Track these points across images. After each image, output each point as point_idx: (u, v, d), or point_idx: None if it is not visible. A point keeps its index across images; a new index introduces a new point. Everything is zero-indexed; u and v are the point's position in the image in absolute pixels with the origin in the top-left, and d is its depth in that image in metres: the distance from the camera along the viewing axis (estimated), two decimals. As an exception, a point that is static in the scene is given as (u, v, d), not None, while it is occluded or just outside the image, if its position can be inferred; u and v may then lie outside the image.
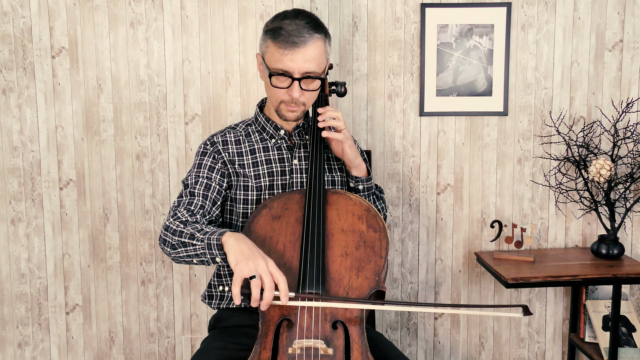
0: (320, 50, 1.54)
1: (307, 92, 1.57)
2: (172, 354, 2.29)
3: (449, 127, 2.24)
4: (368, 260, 1.48)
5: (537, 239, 2.31)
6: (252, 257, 1.31)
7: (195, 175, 1.62)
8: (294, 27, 1.51)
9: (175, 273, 2.25)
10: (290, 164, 1.68)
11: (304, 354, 1.37)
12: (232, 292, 1.27)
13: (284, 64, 1.52)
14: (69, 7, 2.11)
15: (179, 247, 1.45)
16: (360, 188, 1.69)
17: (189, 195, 1.58)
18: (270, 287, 1.28)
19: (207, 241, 1.39)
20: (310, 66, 1.53)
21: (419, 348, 2.35)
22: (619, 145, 2.21)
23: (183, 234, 1.43)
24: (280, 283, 1.30)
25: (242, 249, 1.33)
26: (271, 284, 1.29)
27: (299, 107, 1.59)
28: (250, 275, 1.28)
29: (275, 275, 1.30)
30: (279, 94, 1.57)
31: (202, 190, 1.59)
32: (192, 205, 1.55)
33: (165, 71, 2.16)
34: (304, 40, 1.51)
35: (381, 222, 1.53)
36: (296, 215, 1.54)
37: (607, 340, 2.11)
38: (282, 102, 1.58)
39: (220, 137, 1.69)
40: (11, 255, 2.20)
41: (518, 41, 2.21)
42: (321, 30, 1.55)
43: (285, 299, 1.30)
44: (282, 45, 1.51)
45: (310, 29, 1.52)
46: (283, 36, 1.50)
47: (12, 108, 2.14)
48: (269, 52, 1.55)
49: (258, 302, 1.29)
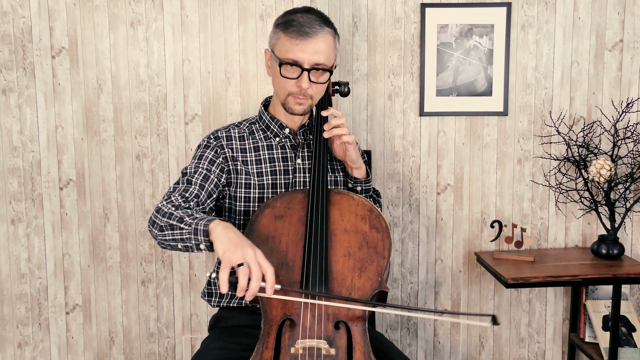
0: (329, 43, 1.57)
1: (315, 85, 1.59)
2: (172, 354, 2.29)
3: (449, 127, 2.24)
4: (371, 260, 1.48)
5: (537, 239, 2.31)
6: (241, 245, 1.30)
7: (195, 165, 1.62)
8: (305, 19, 1.55)
9: (175, 273, 2.25)
10: (294, 163, 1.68)
11: (307, 354, 1.37)
12: (220, 279, 1.25)
13: (295, 54, 1.54)
14: (69, 7, 2.11)
15: (166, 229, 1.43)
16: (358, 189, 1.69)
17: (185, 183, 1.58)
18: (257, 277, 1.27)
19: (195, 226, 1.37)
20: (320, 58, 1.55)
21: (419, 348, 2.35)
22: (619, 145, 2.21)
23: (172, 216, 1.43)
24: (268, 274, 1.29)
25: (231, 237, 1.32)
26: (259, 273, 1.27)
27: (306, 99, 1.60)
28: (238, 263, 1.27)
29: (264, 266, 1.29)
30: (288, 85, 1.58)
31: (200, 180, 1.59)
32: (187, 193, 1.55)
33: (165, 71, 2.16)
34: (315, 31, 1.54)
35: (384, 222, 1.53)
36: (299, 215, 1.54)
37: (607, 340, 2.11)
38: (290, 94, 1.59)
39: (225, 132, 1.69)
40: (11, 255, 2.20)
41: (518, 41, 2.21)
42: (331, 26, 1.60)
43: (271, 290, 1.29)
44: (293, 35, 1.54)
45: (321, 22, 1.56)
46: (295, 27, 1.54)
47: (12, 108, 2.14)
48: (279, 43, 1.57)
49: (244, 291, 1.27)
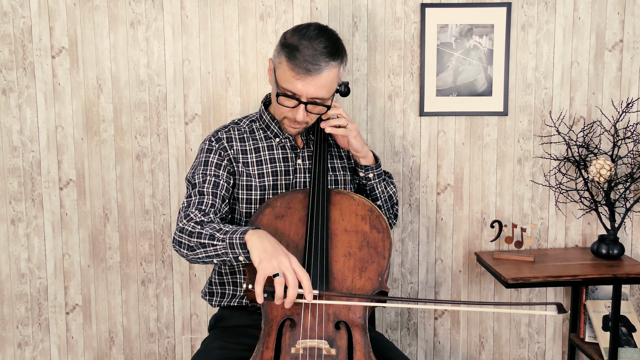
0: (333, 77, 1.52)
1: (311, 115, 1.57)
2: (172, 354, 2.29)
3: (449, 127, 2.24)
4: (371, 260, 1.48)
5: (537, 239, 2.31)
6: (276, 254, 1.30)
7: (202, 173, 1.59)
8: (310, 52, 1.47)
9: (175, 273, 2.25)
10: (295, 163, 1.68)
11: (307, 354, 1.37)
12: (256, 291, 1.27)
13: (294, 86, 1.50)
14: (69, 7, 2.11)
15: (198, 248, 1.42)
16: (370, 176, 1.68)
17: (197, 195, 1.54)
18: (294, 285, 1.29)
19: (230, 241, 1.37)
20: (320, 92, 1.51)
21: (419, 348, 2.35)
22: (619, 145, 2.21)
23: (202, 235, 1.41)
24: (304, 280, 1.30)
25: (265, 247, 1.32)
26: (295, 281, 1.29)
27: (301, 125, 1.60)
28: (273, 274, 1.28)
29: (299, 273, 1.30)
30: (284, 110, 1.57)
31: (211, 188, 1.56)
32: (202, 205, 1.52)
33: (165, 71, 2.16)
34: (319, 69, 1.48)
35: (384, 222, 1.53)
36: (299, 214, 1.54)
37: (607, 340, 2.11)
38: (286, 118, 1.59)
39: (225, 133, 1.68)
40: (11, 255, 2.20)
41: (518, 41, 2.21)
42: (338, 55, 1.52)
43: (310, 295, 1.30)
44: (295, 69, 1.48)
45: (326, 56, 1.49)
46: (298, 60, 1.47)
47: (12, 108, 2.14)
48: (281, 69, 1.52)
49: (282, 300, 1.29)
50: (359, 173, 1.70)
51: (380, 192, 1.72)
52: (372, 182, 1.69)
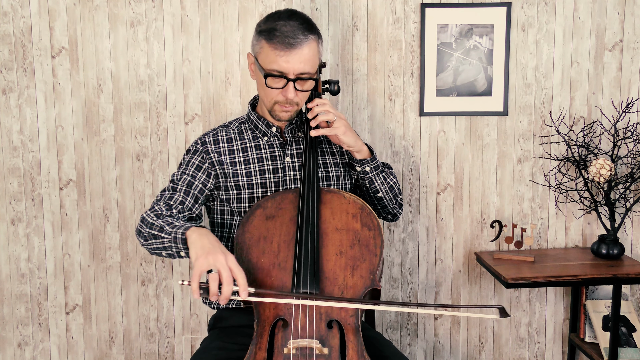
0: (314, 50, 1.56)
1: (301, 92, 1.59)
2: (172, 354, 2.29)
3: (449, 127, 2.24)
4: (363, 258, 1.49)
5: (537, 239, 2.31)
6: (212, 251, 1.34)
7: (182, 172, 1.66)
8: (288, 29, 1.52)
9: (175, 273, 2.25)
10: (283, 161, 1.68)
11: (299, 354, 1.37)
12: (191, 287, 1.30)
13: (279, 65, 1.53)
14: (69, 7, 2.11)
15: (150, 238, 1.50)
16: (367, 169, 1.68)
17: (171, 190, 1.63)
18: (228, 282, 1.31)
19: (174, 235, 1.43)
20: (305, 67, 1.54)
21: (419, 348, 2.35)
22: (619, 145, 2.21)
23: (154, 226, 1.48)
24: (239, 278, 1.33)
25: (204, 244, 1.36)
26: (229, 278, 1.31)
27: (292, 107, 1.60)
28: (208, 270, 1.32)
29: (234, 270, 1.33)
30: (273, 94, 1.59)
31: (185, 186, 1.63)
32: (171, 200, 1.60)
33: (165, 71, 2.16)
34: (299, 41, 1.52)
35: (375, 220, 1.53)
36: (290, 214, 1.54)
37: (607, 340, 2.11)
38: (277, 103, 1.60)
39: (212, 136, 1.71)
40: (11, 255, 2.20)
41: (518, 41, 2.21)
42: (314, 30, 1.57)
43: (245, 293, 1.33)
44: (277, 46, 1.52)
45: (304, 30, 1.54)
46: (278, 37, 1.52)
47: (12, 108, 2.14)
48: (263, 53, 1.56)
49: (216, 296, 1.31)
50: (356, 167, 1.69)
51: (380, 183, 1.71)
52: (371, 175, 1.69)
